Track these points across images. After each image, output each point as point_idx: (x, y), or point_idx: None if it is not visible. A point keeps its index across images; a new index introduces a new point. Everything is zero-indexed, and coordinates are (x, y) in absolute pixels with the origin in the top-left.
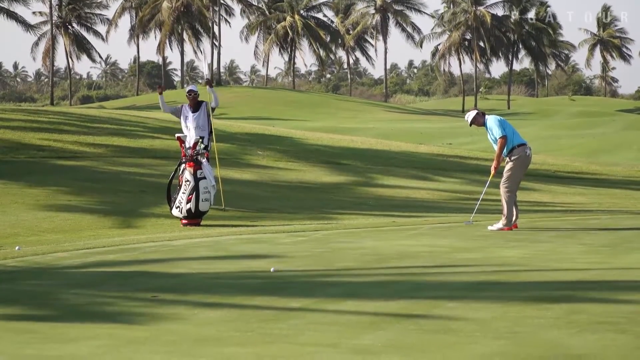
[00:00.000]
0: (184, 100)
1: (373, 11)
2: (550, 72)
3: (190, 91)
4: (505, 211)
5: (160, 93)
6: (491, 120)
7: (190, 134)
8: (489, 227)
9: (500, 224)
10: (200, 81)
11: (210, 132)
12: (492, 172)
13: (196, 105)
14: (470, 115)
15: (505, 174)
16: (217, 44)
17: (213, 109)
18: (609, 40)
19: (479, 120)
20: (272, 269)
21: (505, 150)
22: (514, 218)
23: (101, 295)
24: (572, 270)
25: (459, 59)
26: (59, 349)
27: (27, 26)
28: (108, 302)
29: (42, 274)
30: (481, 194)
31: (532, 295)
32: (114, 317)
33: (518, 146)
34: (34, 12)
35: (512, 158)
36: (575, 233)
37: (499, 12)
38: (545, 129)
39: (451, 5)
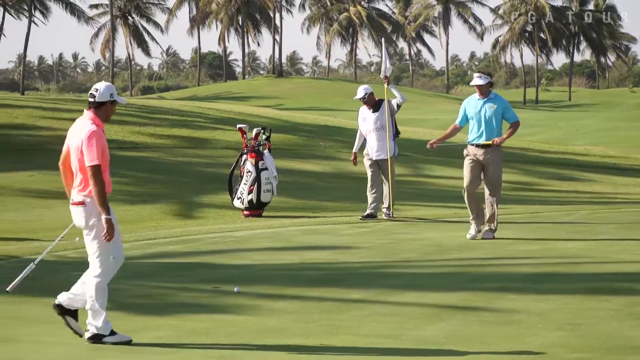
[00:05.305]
0: (242, 90)
1: (435, 2)
2: (610, 64)
3: (362, 98)
4: (494, 213)
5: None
6: (503, 98)
7: (371, 136)
8: (485, 236)
9: (494, 227)
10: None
11: (397, 133)
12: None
13: (376, 104)
14: (486, 79)
15: (499, 172)
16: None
17: (399, 106)
18: None
19: (487, 88)
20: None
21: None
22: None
23: (162, 286)
24: (632, 262)
25: (520, 51)
26: None
27: (86, 20)
28: (169, 293)
29: None
30: None
31: (593, 287)
32: (175, 308)
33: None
34: (90, 6)
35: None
36: (636, 225)
37: (559, 3)
38: (606, 121)
39: None
